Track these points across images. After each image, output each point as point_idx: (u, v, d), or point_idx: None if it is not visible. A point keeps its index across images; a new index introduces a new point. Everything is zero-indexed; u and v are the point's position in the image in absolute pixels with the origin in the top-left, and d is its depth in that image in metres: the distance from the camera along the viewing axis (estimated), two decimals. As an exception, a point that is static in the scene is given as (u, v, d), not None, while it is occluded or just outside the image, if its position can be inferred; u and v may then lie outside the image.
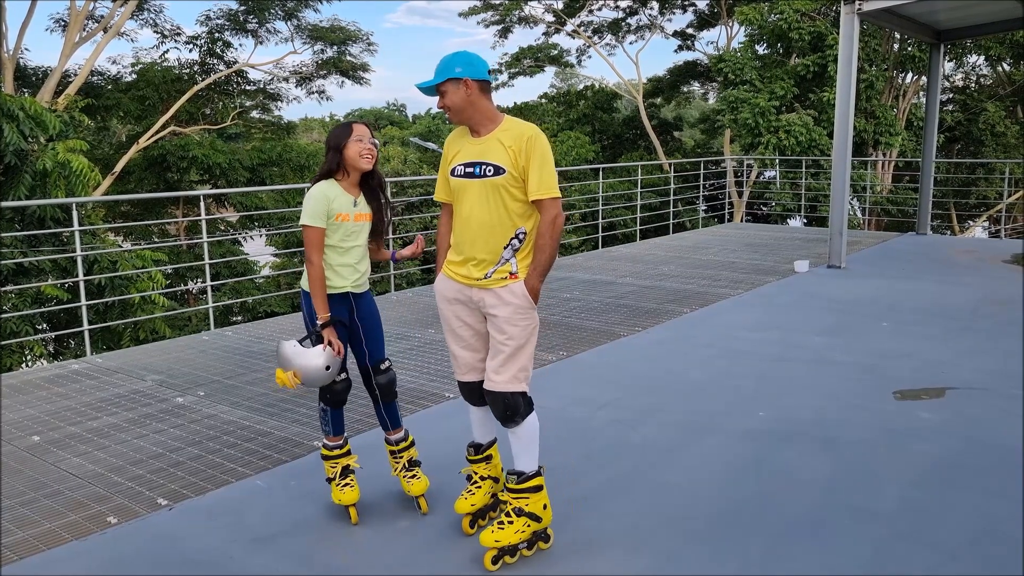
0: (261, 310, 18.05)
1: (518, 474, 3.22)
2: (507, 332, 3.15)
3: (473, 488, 3.48)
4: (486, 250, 3.16)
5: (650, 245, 12.73)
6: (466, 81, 3.12)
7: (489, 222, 3.14)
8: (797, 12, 18.97)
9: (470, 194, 3.16)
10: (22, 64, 19.20)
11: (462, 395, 3.48)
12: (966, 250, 11.80)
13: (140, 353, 6.74)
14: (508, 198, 3.12)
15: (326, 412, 3.61)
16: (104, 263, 11.18)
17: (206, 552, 3.33)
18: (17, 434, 4.72)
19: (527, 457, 3.23)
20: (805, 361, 6.01)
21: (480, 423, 3.49)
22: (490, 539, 3.14)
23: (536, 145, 3.10)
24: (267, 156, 20.93)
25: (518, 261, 3.17)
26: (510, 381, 3.16)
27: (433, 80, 3.17)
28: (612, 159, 26.58)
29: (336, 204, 3.43)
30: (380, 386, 3.61)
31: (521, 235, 3.16)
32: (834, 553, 3.24)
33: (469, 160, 3.19)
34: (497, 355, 3.18)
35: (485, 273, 3.17)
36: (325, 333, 3.40)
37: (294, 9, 22.40)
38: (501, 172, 3.10)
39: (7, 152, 10.56)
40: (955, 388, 5.31)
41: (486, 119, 3.18)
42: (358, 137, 3.43)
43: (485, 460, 3.50)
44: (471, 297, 3.24)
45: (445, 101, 3.17)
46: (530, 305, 3.17)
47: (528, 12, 27.69)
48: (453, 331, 3.35)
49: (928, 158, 12.87)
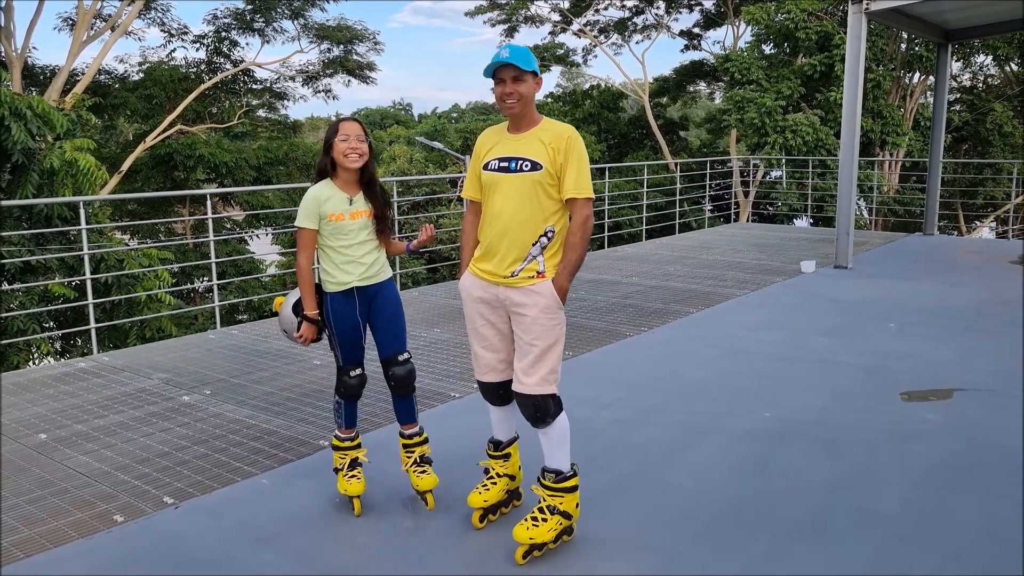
0: (266, 309, 18.09)
1: (555, 472, 3.24)
2: (534, 332, 3.15)
3: (488, 484, 3.49)
4: (515, 245, 3.16)
5: (656, 245, 12.73)
6: (539, 79, 3.21)
7: (520, 217, 3.15)
8: (804, 12, 18.94)
9: (503, 188, 3.19)
10: (30, 63, 19.28)
11: (482, 394, 3.47)
12: (972, 251, 11.77)
13: (147, 352, 6.77)
14: (542, 195, 3.15)
15: (340, 405, 3.67)
16: (111, 261, 11.24)
17: (211, 551, 3.35)
18: (24, 432, 4.75)
19: (560, 456, 3.25)
20: (809, 362, 6.00)
21: (500, 421, 3.49)
22: (524, 536, 3.16)
23: (575, 145, 3.16)
24: (273, 155, 20.99)
25: (545, 260, 3.18)
26: (539, 384, 3.16)
27: (525, 64, 3.11)
28: (618, 159, 26.57)
29: (328, 205, 3.47)
30: (396, 378, 3.64)
31: (550, 233, 3.17)
32: (837, 554, 3.24)
33: (505, 155, 3.22)
34: (525, 357, 3.18)
35: (512, 271, 3.18)
36: (304, 326, 3.57)
37: (301, 8, 22.46)
38: (539, 168, 3.13)
39: (15, 151, 10.60)
40: (960, 389, 5.31)
41: (533, 117, 3.25)
42: (343, 136, 3.45)
43: (504, 457, 3.51)
44: (496, 295, 3.24)
45: (520, 88, 3.14)
46: (558, 305, 3.18)
47: (534, 11, 27.72)
48: (476, 330, 3.36)
49: (935, 158, 12.83)
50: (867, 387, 5.39)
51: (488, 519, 3.51)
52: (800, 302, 8.14)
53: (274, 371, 5.97)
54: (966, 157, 23.37)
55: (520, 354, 3.21)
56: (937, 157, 12.83)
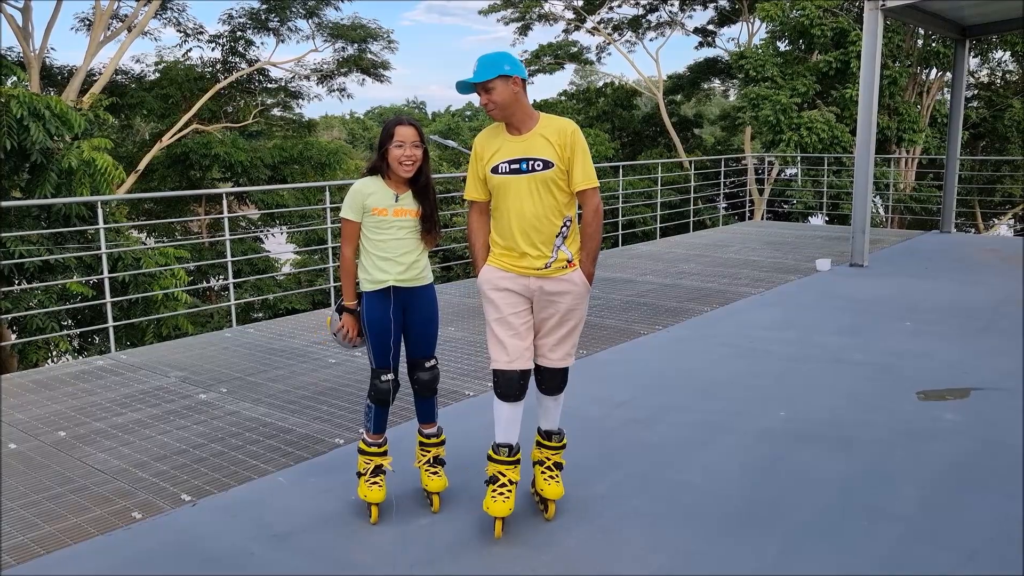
0: (282, 307, 18.19)
1: (558, 432, 3.60)
2: (567, 315, 3.42)
3: (505, 492, 3.41)
4: (542, 241, 3.33)
5: (670, 243, 12.71)
6: (515, 79, 3.27)
7: (542, 214, 3.31)
8: (819, 8, 18.83)
9: (516, 189, 3.31)
10: (48, 63, 19.45)
11: (499, 388, 3.41)
12: (990, 249, 11.68)
13: (164, 350, 6.83)
14: (556, 190, 3.31)
15: (370, 409, 3.64)
16: (128, 260, 11.33)
17: (228, 548, 3.38)
18: (44, 429, 4.81)
19: (558, 417, 3.62)
20: (824, 361, 5.98)
21: (512, 420, 3.46)
22: (559, 492, 3.51)
23: (579, 138, 3.32)
24: (288, 154, 21.08)
25: (569, 248, 3.39)
26: (565, 358, 3.50)
27: (484, 76, 3.24)
28: (631, 156, 26.52)
29: (373, 199, 3.48)
30: (421, 382, 3.67)
31: (568, 223, 3.37)
32: (851, 553, 3.24)
33: (513, 157, 3.32)
34: (552, 335, 3.45)
35: (545, 263, 3.35)
36: (343, 317, 3.60)
37: (315, 7, 22.52)
38: (550, 166, 3.28)
39: (34, 151, 10.72)
40: (976, 389, 5.28)
41: (527, 116, 3.34)
42: (399, 143, 3.42)
43: (515, 463, 3.47)
44: (527, 286, 3.39)
45: (492, 97, 3.26)
46: (587, 290, 3.45)
47: (548, 9, 27.69)
48: (505, 320, 3.40)
49: (952, 155, 12.74)
50: (882, 386, 5.37)
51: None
52: (815, 301, 8.11)
53: (290, 369, 6.01)
54: (983, 154, 23.16)
55: (544, 332, 3.46)
56: (954, 154, 12.74)
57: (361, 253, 3.59)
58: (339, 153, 22.47)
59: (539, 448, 3.60)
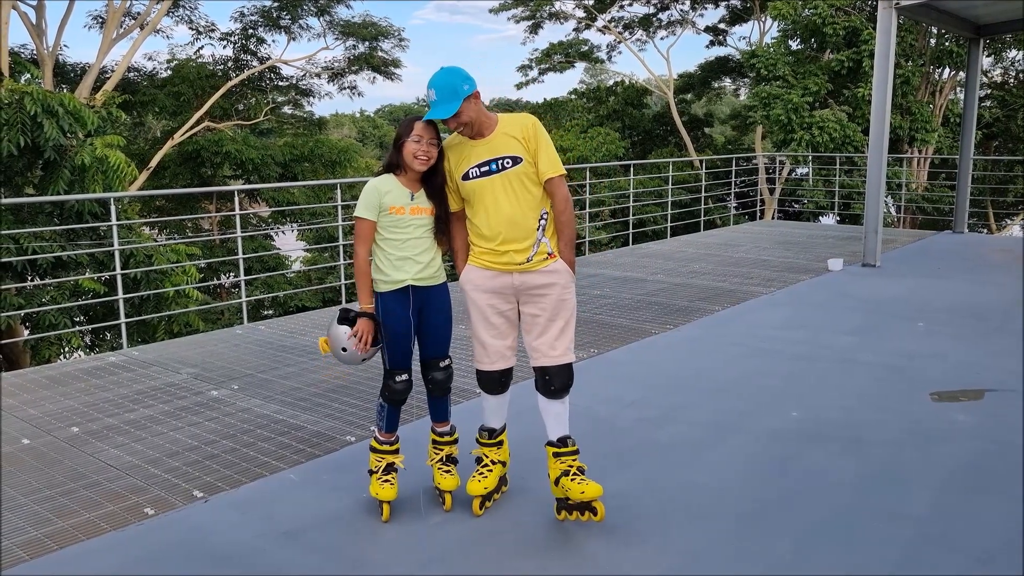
0: (292, 304, 18.25)
1: (570, 437, 3.53)
2: (557, 308, 3.44)
3: (485, 471, 3.63)
4: (523, 236, 3.40)
5: (681, 242, 12.68)
6: (474, 93, 3.33)
7: (520, 209, 3.39)
8: (831, 7, 18.74)
9: (492, 190, 3.38)
10: (61, 61, 19.55)
11: (482, 384, 3.64)
12: (1002, 249, 11.61)
13: (175, 346, 6.86)
14: (529, 183, 3.40)
15: (383, 408, 3.63)
16: (140, 257, 11.39)
17: (240, 545, 3.40)
18: (57, 425, 4.84)
19: (567, 421, 3.56)
20: (835, 361, 5.96)
21: (496, 409, 3.69)
22: (599, 489, 3.38)
23: (540, 130, 3.42)
24: (299, 152, 21.13)
25: (549, 240, 3.45)
26: (564, 353, 3.48)
27: (453, 107, 3.27)
28: (642, 155, 26.45)
29: (389, 197, 3.46)
30: (434, 381, 3.69)
31: (544, 215, 3.45)
32: (862, 555, 3.22)
33: (482, 160, 3.40)
34: (546, 332, 3.47)
35: (527, 257, 3.41)
36: (359, 322, 3.47)
37: (326, 5, 22.56)
38: (519, 161, 3.37)
39: (47, 147, 10.78)
40: (988, 390, 5.25)
41: (488, 120, 3.43)
42: (416, 137, 3.42)
43: (497, 445, 3.69)
44: (510, 283, 3.45)
45: (463, 119, 3.33)
46: (572, 278, 3.48)
47: (558, 8, 27.63)
48: (486, 320, 3.52)
49: (966, 155, 12.66)
50: (894, 387, 5.35)
51: (485, 506, 3.62)
52: (827, 301, 8.08)
53: (301, 367, 6.03)
54: (996, 154, 23.01)
55: (538, 331, 3.48)
56: (967, 154, 12.66)
57: (375, 255, 3.57)
58: (349, 151, 22.50)
59: (558, 459, 3.49)
